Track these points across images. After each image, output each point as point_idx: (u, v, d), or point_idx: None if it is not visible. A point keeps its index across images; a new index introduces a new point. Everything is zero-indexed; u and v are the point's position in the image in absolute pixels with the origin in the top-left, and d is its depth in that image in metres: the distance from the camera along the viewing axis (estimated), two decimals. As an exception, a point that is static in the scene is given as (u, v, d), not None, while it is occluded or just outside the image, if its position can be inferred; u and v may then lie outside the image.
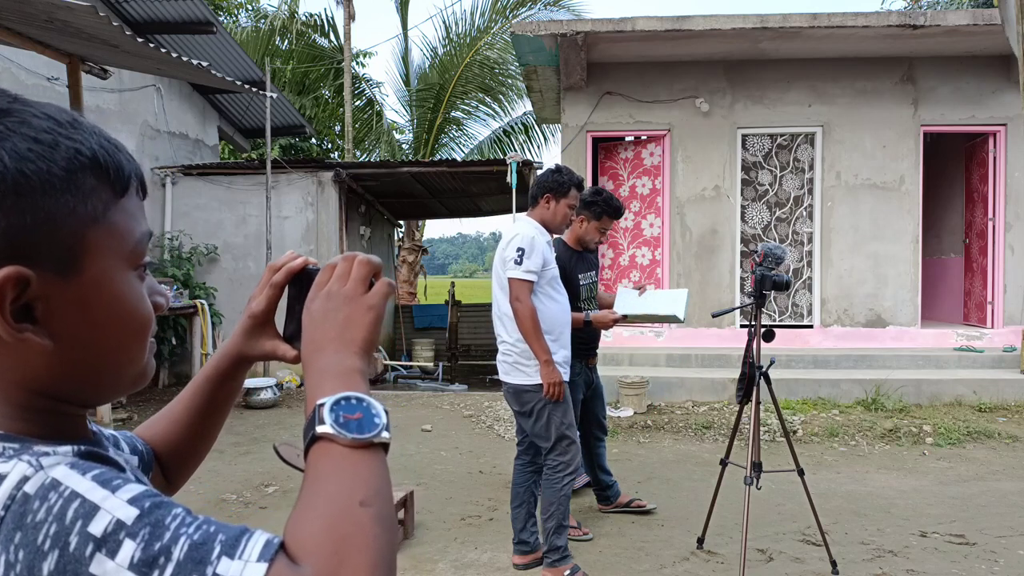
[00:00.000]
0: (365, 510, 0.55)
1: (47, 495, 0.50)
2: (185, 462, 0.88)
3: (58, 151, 0.57)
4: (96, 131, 0.61)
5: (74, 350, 0.59)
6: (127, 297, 0.62)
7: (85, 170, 0.58)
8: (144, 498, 0.51)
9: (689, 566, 3.61)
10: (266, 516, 4.29)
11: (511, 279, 3.36)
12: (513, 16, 14.20)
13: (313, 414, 0.60)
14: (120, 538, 0.49)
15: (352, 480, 0.57)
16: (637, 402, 6.80)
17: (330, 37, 15.16)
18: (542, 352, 3.32)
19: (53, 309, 0.57)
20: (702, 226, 8.28)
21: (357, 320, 0.67)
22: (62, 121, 0.59)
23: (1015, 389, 6.95)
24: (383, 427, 0.61)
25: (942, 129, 8.25)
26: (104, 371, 0.62)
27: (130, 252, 0.62)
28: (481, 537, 4.00)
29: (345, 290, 0.68)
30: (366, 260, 0.70)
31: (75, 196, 0.57)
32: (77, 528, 0.49)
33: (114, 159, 0.61)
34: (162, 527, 0.50)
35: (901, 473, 5.27)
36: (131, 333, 0.63)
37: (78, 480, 0.51)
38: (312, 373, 0.65)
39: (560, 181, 3.52)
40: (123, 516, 0.50)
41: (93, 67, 6.12)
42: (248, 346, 0.84)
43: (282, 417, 7.16)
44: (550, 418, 3.40)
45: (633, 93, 8.26)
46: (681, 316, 3.88)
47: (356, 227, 10.67)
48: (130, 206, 0.63)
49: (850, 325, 8.21)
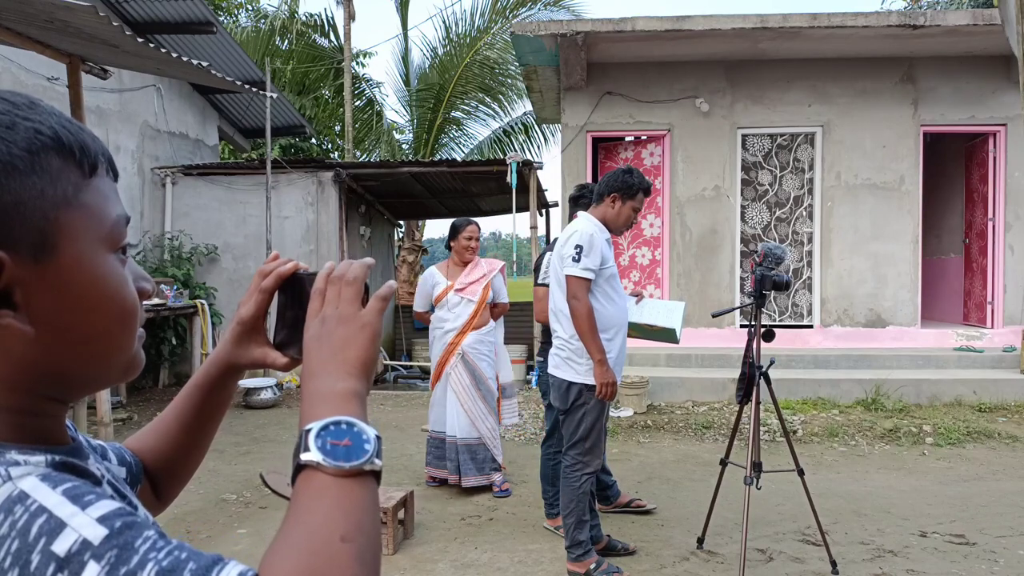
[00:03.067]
0: (345, 546, 0.52)
1: (12, 508, 0.48)
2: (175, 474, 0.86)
3: (16, 132, 0.55)
4: (55, 112, 0.59)
5: (57, 337, 0.57)
6: (108, 280, 0.60)
7: (48, 151, 0.56)
8: (115, 517, 0.49)
9: (689, 566, 3.61)
10: (266, 516, 4.29)
11: (568, 276, 3.36)
12: (513, 16, 14.19)
13: (300, 440, 0.58)
14: (84, 559, 0.46)
15: (334, 512, 0.54)
16: (637, 402, 6.80)
17: (330, 37, 15.16)
18: (597, 351, 3.32)
19: (32, 295, 0.55)
20: (702, 226, 8.28)
21: (352, 340, 0.65)
22: (18, 103, 0.57)
23: (1015, 389, 6.95)
24: (373, 454, 0.58)
25: (942, 129, 8.25)
26: (90, 359, 0.60)
27: (107, 234, 0.60)
28: (481, 537, 4.00)
29: (339, 312, 0.66)
30: (354, 279, 0.68)
31: (41, 178, 0.56)
32: (40, 546, 0.46)
33: (77, 138, 0.59)
34: (130, 550, 0.47)
35: (901, 473, 5.27)
36: (115, 318, 0.60)
37: (47, 494, 0.49)
38: (305, 399, 0.62)
39: (629, 183, 3.50)
40: (90, 535, 0.47)
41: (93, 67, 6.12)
42: (237, 354, 0.82)
43: (282, 417, 7.16)
44: (584, 417, 3.43)
45: (633, 93, 8.26)
46: (678, 332, 3.89)
47: (356, 227, 10.66)
48: (102, 187, 0.61)
49: (850, 325, 8.21)
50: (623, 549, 3.75)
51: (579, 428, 3.45)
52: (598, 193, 3.59)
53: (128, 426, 6.50)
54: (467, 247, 4.84)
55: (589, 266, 3.35)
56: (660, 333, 3.96)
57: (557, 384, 3.53)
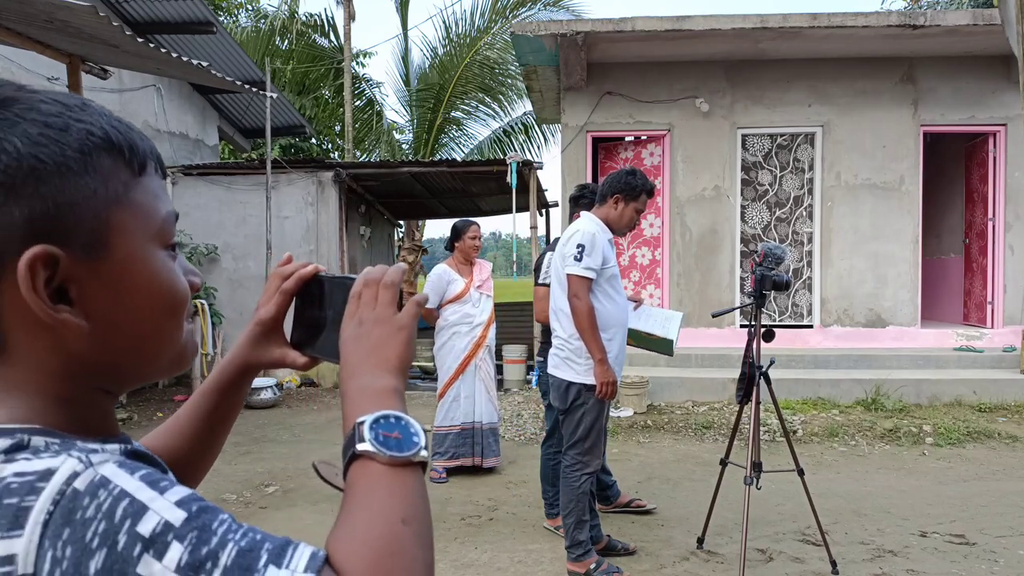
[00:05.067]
0: (406, 528, 0.56)
1: (97, 492, 0.50)
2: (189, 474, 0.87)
3: (69, 134, 0.57)
4: (105, 112, 0.61)
5: (111, 331, 0.59)
6: (160, 275, 0.62)
7: (99, 151, 0.58)
8: (191, 501, 0.51)
9: (689, 566, 3.61)
10: (266, 516, 4.29)
11: (570, 275, 3.37)
12: (513, 16, 14.19)
13: (353, 432, 0.61)
14: (168, 540, 0.49)
15: (393, 498, 0.57)
16: (637, 402, 6.80)
17: (330, 37, 15.16)
18: (597, 351, 3.33)
19: (86, 290, 0.58)
20: (702, 226, 8.27)
21: (389, 341, 0.68)
22: (70, 105, 0.59)
23: (1015, 389, 6.95)
24: (421, 446, 0.61)
25: (942, 129, 8.25)
26: (141, 352, 0.62)
27: (157, 231, 0.62)
28: (481, 537, 4.00)
29: (375, 314, 0.69)
30: (391, 283, 0.71)
31: (94, 178, 0.57)
32: (126, 527, 0.48)
33: (127, 138, 0.61)
34: (209, 531, 0.50)
35: (901, 473, 5.27)
36: (167, 311, 0.63)
37: (127, 479, 0.51)
38: (349, 395, 0.65)
39: (633, 184, 3.51)
40: (171, 518, 0.50)
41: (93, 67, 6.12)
42: (256, 354, 0.83)
43: (283, 417, 7.16)
44: (584, 417, 3.44)
45: (633, 93, 8.26)
46: (674, 343, 3.90)
47: (356, 227, 10.67)
48: (151, 185, 0.63)
49: (850, 325, 8.21)
50: (623, 549, 3.75)
51: (579, 428, 3.45)
52: (601, 194, 3.59)
53: (128, 426, 6.50)
54: (473, 246, 5.08)
55: (591, 265, 3.36)
56: (657, 343, 3.96)
57: (557, 384, 3.54)
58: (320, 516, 4.31)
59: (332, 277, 0.78)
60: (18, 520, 0.49)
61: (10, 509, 0.49)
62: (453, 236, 5.14)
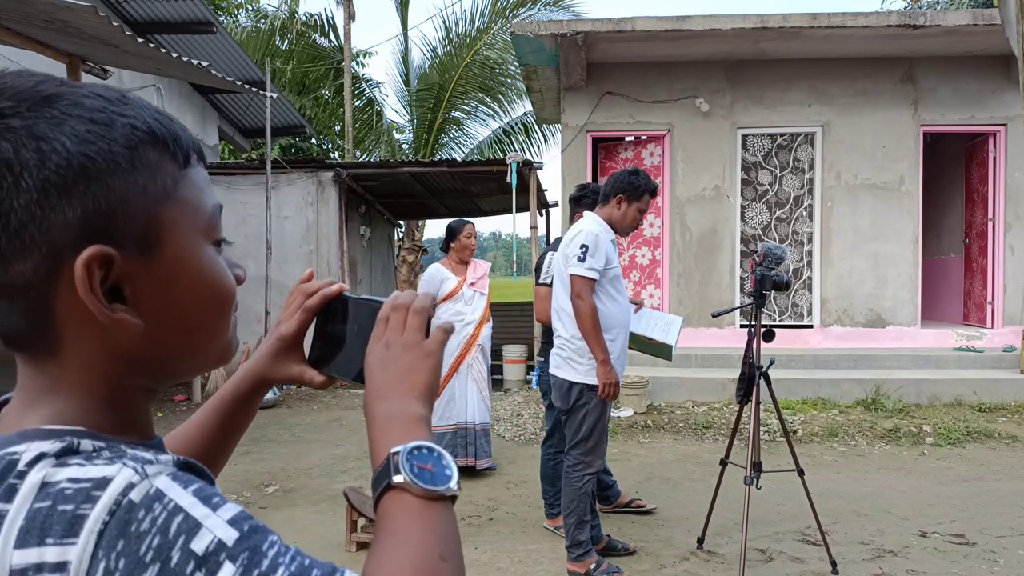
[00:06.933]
0: (445, 565, 0.56)
1: (152, 505, 0.49)
2: None
3: (115, 129, 0.56)
4: (146, 105, 0.60)
5: (163, 328, 0.59)
6: (210, 270, 0.62)
7: (145, 145, 0.57)
8: (242, 520, 0.51)
9: (689, 566, 3.61)
10: (266, 516, 4.29)
11: (573, 276, 3.37)
12: (513, 16, 14.19)
13: (387, 462, 0.60)
14: (220, 559, 0.48)
15: (430, 533, 0.58)
16: (637, 402, 6.80)
17: (330, 37, 15.16)
18: (600, 351, 3.33)
19: (140, 289, 0.57)
20: (702, 226, 8.27)
21: (417, 366, 0.68)
22: (111, 98, 0.58)
23: (1015, 389, 6.95)
24: (455, 480, 0.61)
25: (942, 129, 8.25)
26: (192, 347, 0.63)
27: (205, 225, 0.62)
28: (481, 537, 4.00)
29: (404, 339, 0.69)
30: (421, 308, 0.71)
31: (142, 173, 0.57)
32: (180, 543, 0.48)
33: (170, 130, 0.60)
34: (260, 554, 0.50)
35: (901, 473, 5.27)
36: (217, 306, 0.63)
37: (180, 493, 0.51)
38: (377, 419, 0.65)
39: (636, 184, 3.51)
40: (224, 537, 0.49)
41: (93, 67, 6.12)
42: (273, 369, 0.83)
43: (283, 417, 7.16)
44: (586, 417, 3.44)
45: (633, 93, 8.26)
46: (673, 348, 3.90)
47: (356, 227, 10.67)
48: (197, 178, 0.62)
49: (850, 325, 8.21)
50: (623, 549, 3.75)
51: (581, 428, 3.45)
52: (604, 194, 3.59)
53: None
54: (467, 245, 5.08)
55: (594, 266, 3.36)
56: (656, 348, 3.97)
57: (558, 384, 3.53)
58: (320, 516, 4.31)
59: (358, 298, 0.78)
60: (73, 528, 0.48)
61: (65, 516, 0.49)
62: (448, 236, 5.15)
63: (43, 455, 0.51)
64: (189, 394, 7.76)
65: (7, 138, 0.53)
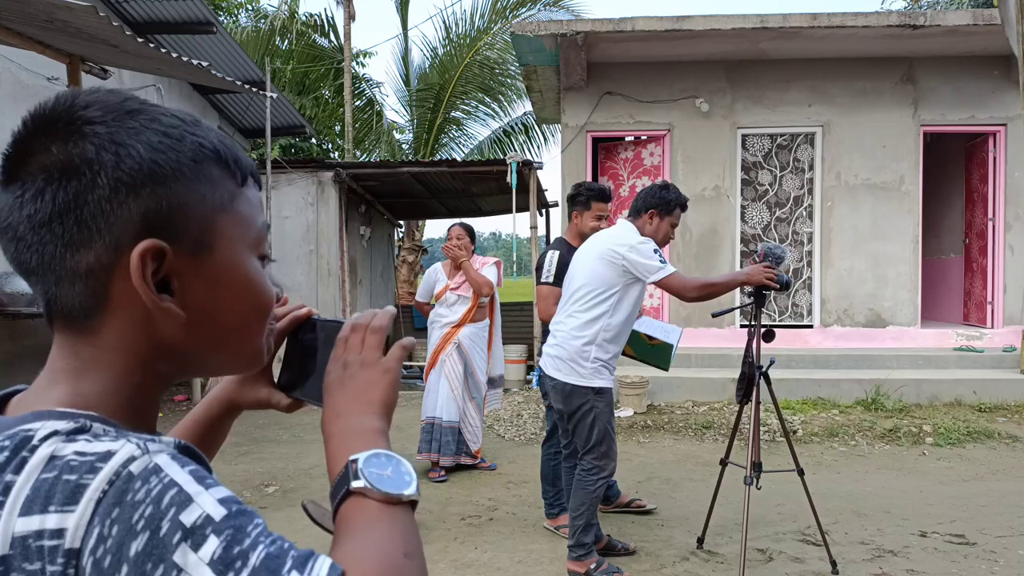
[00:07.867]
0: (410, 563, 0.58)
1: (149, 478, 0.52)
2: None
3: (185, 144, 0.62)
4: (214, 129, 0.67)
5: (203, 323, 0.64)
6: (254, 279, 0.67)
7: (209, 161, 0.64)
8: (231, 502, 0.54)
9: (689, 566, 3.61)
10: (265, 516, 4.28)
11: (664, 280, 3.35)
12: (513, 16, 14.19)
13: (346, 470, 0.62)
14: (206, 533, 0.51)
15: (394, 532, 0.59)
16: (637, 402, 6.80)
17: (330, 37, 15.15)
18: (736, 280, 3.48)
19: (187, 284, 0.63)
20: (702, 226, 8.27)
21: (375, 383, 0.70)
22: (186, 120, 0.64)
23: (1015, 389, 6.95)
24: (414, 485, 0.63)
25: (942, 129, 8.25)
26: (228, 343, 0.68)
27: (254, 239, 0.68)
28: (481, 537, 4.00)
29: (361, 357, 0.72)
30: (379, 327, 0.73)
31: (203, 184, 0.63)
32: (171, 515, 0.51)
33: (232, 152, 0.66)
34: (243, 533, 0.52)
35: (901, 473, 5.27)
36: (255, 311, 0.68)
37: (177, 471, 0.54)
38: (335, 435, 0.67)
39: (667, 199, 3.49)
40: (212, 513, 0.52)
41: (93, 67, 6.12)
42: (242, 393, 0.85)
43: (282, 417, 7.16)
44: (596, 422, 3.40)
45: (633, 93, 8.26)
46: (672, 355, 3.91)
47: (356, 227, 10.67)
48: (251, 197, 0.69)
49: (850, 325, 8.21)
50: (623, 549, 3.75)
51: (592, 432, 3.41)
52: (635, 209, 3.56)
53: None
54: (448, 247, 5.22)
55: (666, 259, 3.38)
56: (656, 349, 3.96)
57: (560, 387, 3.46)
58: (320, 516, 4.31)
59: (325, 320, 0.79)
60: (74, 496, 0.51)
61: (68, 485, 0.52)
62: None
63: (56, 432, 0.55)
64: (189, 395, 7.77)
65: (92, 141, 0.59)
